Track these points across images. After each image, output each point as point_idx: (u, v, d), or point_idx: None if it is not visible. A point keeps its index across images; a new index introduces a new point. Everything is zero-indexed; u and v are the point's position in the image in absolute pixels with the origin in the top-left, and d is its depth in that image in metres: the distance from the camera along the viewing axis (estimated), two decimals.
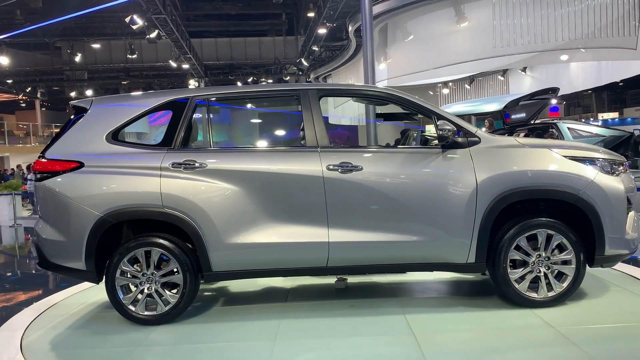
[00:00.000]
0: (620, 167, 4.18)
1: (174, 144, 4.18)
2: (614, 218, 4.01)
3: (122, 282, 4.12)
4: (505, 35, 12.34)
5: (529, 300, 4.09)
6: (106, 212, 4.01)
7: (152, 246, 4.08)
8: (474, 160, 4.01)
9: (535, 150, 4.11)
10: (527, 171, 4.00)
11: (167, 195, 4.01)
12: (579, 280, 4.08)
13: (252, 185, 4.04)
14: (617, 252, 4.08)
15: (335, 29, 21.79)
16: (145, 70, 30.79)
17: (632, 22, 11.72)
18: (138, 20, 16.87)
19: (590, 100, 44.35)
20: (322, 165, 4.03)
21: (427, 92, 25.93)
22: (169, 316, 4.12)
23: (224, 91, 4.58)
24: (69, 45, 25.24)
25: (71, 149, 4.19)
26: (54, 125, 32.40)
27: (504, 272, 4.03)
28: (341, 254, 4.05)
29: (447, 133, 4.00)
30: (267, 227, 4.04)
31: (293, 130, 3.79)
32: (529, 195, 4.02)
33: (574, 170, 4.01)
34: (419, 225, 4.00)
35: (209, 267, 4.06)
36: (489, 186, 3.94)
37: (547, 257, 4.06)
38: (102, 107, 4.38)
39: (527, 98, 10.96)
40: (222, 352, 3.64)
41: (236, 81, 29.98)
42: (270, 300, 4.84)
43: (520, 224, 4.03)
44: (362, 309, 4.33)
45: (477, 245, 3.98)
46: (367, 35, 7.86)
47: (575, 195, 3.97)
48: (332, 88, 4.71)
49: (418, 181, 4.02)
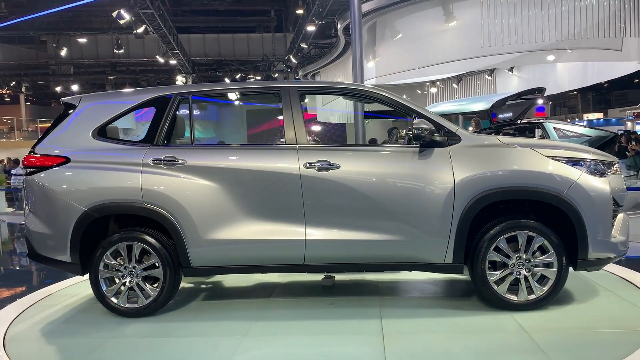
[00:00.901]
0: (609, 168, 4.07)
1: (156, 141, 4.28)
2: (598, 220, 3.90)
3: (105, 274, 4.22)
4: (493, 35, 12.40)
5: (508, 303, 4.01)
6: (90, 207, 4.12)
7: (134, 240, 4.17)
8: (452, 159, 3.96)
9: (516, 150, 4.03)
10: (506, 171, 3.93)
11: (147, 191, 4.10)
12: (560, 284, 4.00)
13: (230, 182, 4.10)
14: (602, 256, 3.97)
15: (324, 27, 21.76)
16: (132, 66, 30.48)
17: (618, 23, 11.85)
18: (125, 14, 16.69)
19: (576, 100, 44.80)
20: (300, 163, 4.06)
21: (415, 91, 26.00)
22: (149, 309, 4.21)
23: (207, 88, 4.72)
24: (55, 40, 24.93)
25: (59, 144, 4.31)
26: (38, 120, 31.99)
27: (482, 273, 3.97)
28: (318, 252, 4.07)
29: (423, 132, 3.94)
30: (245, 224, 4.08)
31: (274, 127, 3.87)
32: (508, 195, 3.96)
33: (556, 171, 3.93)
34: (395, 224, 3.97)
35: (188, 262, 4.14)
36: (466, 186, 3.89)
37: (528, 259, 3.98)
38: (90, 104, 4.48)
39: (513, 98, 11.06)
40: (189, 346, 3.69)
41: (224, 77, 29.83)
42: (255, 296, 4.87)
43: (500, 225, 3.97)
44: (341, 307, 4.33)
45: (455, 245, 3.93)
46: (355, 34, 7.85)
47: (556, 196, 3.88)
48: (312, 86, 4.68)
49: (395, 180, 3.99)
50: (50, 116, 34.92)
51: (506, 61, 17.87)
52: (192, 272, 4.25)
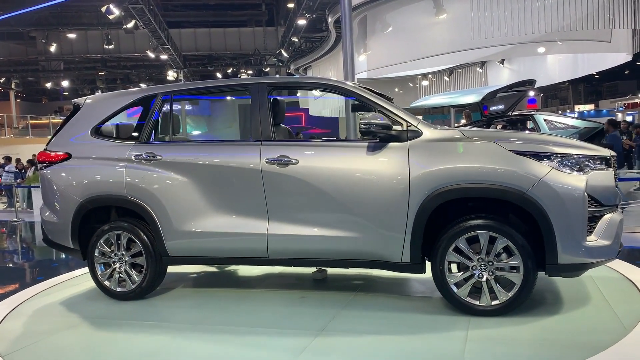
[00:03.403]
0: (595, 163, 3.66)
1: (141, 138, 4.62)
2: (568, 222, 3.50)
3: (100, 260, 4.64)
4: (483, 27, 12.41)
5: (469, 307, 3.76)
6: (84, 199, 4.57)
7: (121, 230, 4.55)
8: (410, 154, 3.79)
9: (478, 144, 3.73)
10: (463, 167, 3.67)
11: (129, 185, 4.45)
12: (526, 290, 3.65)
13: (199, 176, 4.30)
14: (575, 261, 3.56)
15: (315, 20, 21.73)
16: (122, 61, 30.34)
17: (607, 15, 11.88)
18: (114, 9, 16.58)
19: (567, 92, 45.02)
20: (262, 159, 4.12)
21: (407, 84, 26.00)
22: (134, 293, 4.57)
23: (187, 87, 4.93)
24: (44, 35, 24.72)
25: (64, 141, 4.80)
26: (29, 117, 31.76)
27: (441, 274, 3.77)
28: (279, 246, 4.13)
29: (373, 127, 3.80)
30: (214, 217, 4.26)
31: (246, 123, 4.05)
32: (466, 193, 3.67)
33: (519, 167, 3.57)
34: (351, 219, 3.90)
35: (166, 252, 4.44)
36: (421, 182, 3.71)
37: (490, 261, 3.69)
38: (91, 104, 4.92)
39: (504, 90, 11.10)
40: (136, 331, 3.90)
41: (215, 72, 29.74)
42: (239, 286, 5.09)
43: (459, 224, 3.73)
44: (307, 302, 4.36)
45: (411, 244, 3.77)
46: (346, 27, 7.85)
47: (520, 194, 3.54)
48: (280, 81, 4.71)
49: (351, 175, 3.91)
50: (41, 112, 34.78)
51: (497, 53, 17.91)
52: (171, 261, 4.53)
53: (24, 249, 9.15)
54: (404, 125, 3.90)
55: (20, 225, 11.95)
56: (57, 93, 36.33)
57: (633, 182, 10.61)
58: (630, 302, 4.03)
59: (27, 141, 28.04)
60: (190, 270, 5.70)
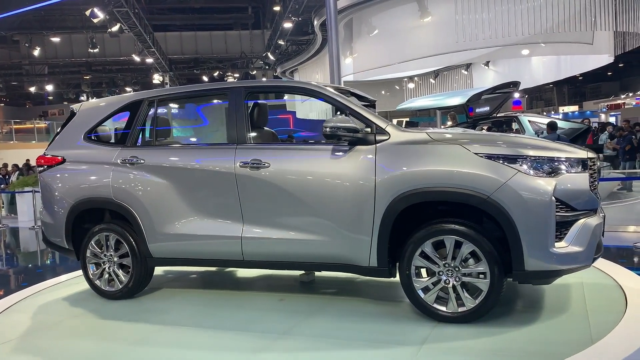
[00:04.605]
0: (567, 166, 3.49)
1: (128, 142, 4.73)
2: (534, 227, 3.35)
3: (91, 260, 4.79)
4: (468, 30, 12.53)
5: (436, 313, 3.64)
6: (76, 201, 4.74)
7: (110, 232, 4.69)
8: (377, 158, 3.73)
9: (443, 147, 3.63)
10: (427, 170, 3.58)
11: (115, 188, 4.59)
12: (493, 297, 3.49)
13: (179, 179, 4.39)
14: (543, 268, 3.38)
15: (301, 23, 21.78)
16: (108, 65, 30.14)
17: (589, 17, 12.06)
18: (99, 13, 16.50)
19: (552, 94, 45.50)
20: (236, 162, 4.15)
21: (393, 87, 26.15)
22: (122, 293, 4.69)
23: (169, 92, 4.99)
24: (27, 39, 24.50)
25: (60, 146, 5.00)
26: (13, 122, 31.38)
27: (407, 279, 3.69)
28: (253, 249, 4.16)
29: (338, 131, 3.76)
30: (192, 220, 4.35)
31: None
32: (429, 197, 3.59)
33: (483, 170, 3.44)
34: (320, 223, 3.88)
35: (149, 253, 4.54)
36: (387, 186, 3.65)
37: (457, 267, 3.57)
38: (85, 110, 5.09)
39: (489, 92, 11.21)
40: (115, 330, 4.00)
41: (202, 75, 29.65)
42: (225, 287, 5.14)
43: (424, 228, 3.63)
44: (284, 304, 4.36)
45: (378, 248, 3.71)
46: (332, 30, 7.88)
47: (483, 199, 3.41)
48: (256, 85, 4.72)
49: (319, 178, 3.88)
50: (25, 117, 34.38)
51: (481, 56, 18.10)
52: (155, 263, 4.65)
53: (8, 255, 9.04)
54: (372, 128, 3.85)
55: (4, 231, 11.81)
56: (41, 97, 36.00)
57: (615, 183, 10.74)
58: (610, 312, 3.74)
59: (11, 146, 27.69)
60: (180, 270, 5.73)
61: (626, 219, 7.74)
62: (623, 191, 10.42)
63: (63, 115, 34.85)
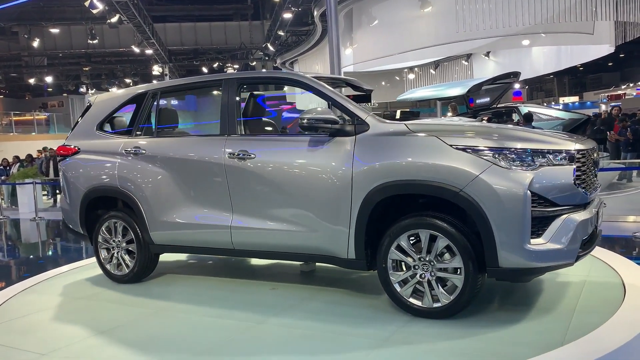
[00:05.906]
0: (548, 158, 3.30)
1: (133, 132, 4.95)
2: (509, 223, 3.20)
3: (102, 245, 5.04)
4: (468, 20, 12.49)
5: (412, 308, 3.59)
6: (87, 189, 4.99)
7: (117, 219, 4.91)
8: (355, 149, 3.71)
9: (419, 138, 3.55)
10: (400, 163, 3.52)
11: (120, 177, 4.80)
12: (468, 293, 3.38)
13: (175, 169, 4.54)
14: (518, 265, 3.24)
15: (301, 14, 21.70)
16: (107, 56, 30.05)
17: (589, 7, 12.02)
18: (98, 4, 16.42)
19: (552, 84, 45.45)
20: (225, 153, 4.21)
21: (393, 77, 26.11)
22: (128, 277, 4.91)
23: (171, 84, 5.22)
24: (27, 30, 24.40)
25: (76, 136, 5.27)
26: (12, 113, 31.32)
27: (384, 272, 3.65)
28: (241, 239, 4.25)
29: (315, 122, 3.76)
30: (188, 208, 4.49)
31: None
32: (403, 189, 3.54)
33: (456, 163, 3.33)
34: (301, 214, 3.92)
35: (151, 240, 4.72)
36: (363, 177, 3.63)
37: (431, 261, 3.48)
38: (99, 102, 5.34)
39: (489, 82, 11.19)
40: (115, 312, 4.22)
41: (201, 67, 29.57)
42: (227, 275, 5.21)
43: (400, 222, 3.58)
44: (273, 293, 4.40)
45: (355, 240, 3.70)
46: (332, 20, 7.87)
47: (455, 192, 3.31)
48: (249, 77, 4.75)
49: (300, 169, 3.92)
50: (24, 109, 34.29)
51: (481, 46, 18.05)
52: (157, 249, 4.80)
53: (9, 247, 9.08)
54: (353, 119, 3.82)
55: (5, 222, 11.84)
56: (40, 89, 35.90)
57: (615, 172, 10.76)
58: (598, 312, 3.50)
59: (11, 138, 27.67)
60: (184, 257, 5.86)
61: (628, 210, 7.75)
62: (623, 181, 10.44)
63: (63, 107, 34.81)
